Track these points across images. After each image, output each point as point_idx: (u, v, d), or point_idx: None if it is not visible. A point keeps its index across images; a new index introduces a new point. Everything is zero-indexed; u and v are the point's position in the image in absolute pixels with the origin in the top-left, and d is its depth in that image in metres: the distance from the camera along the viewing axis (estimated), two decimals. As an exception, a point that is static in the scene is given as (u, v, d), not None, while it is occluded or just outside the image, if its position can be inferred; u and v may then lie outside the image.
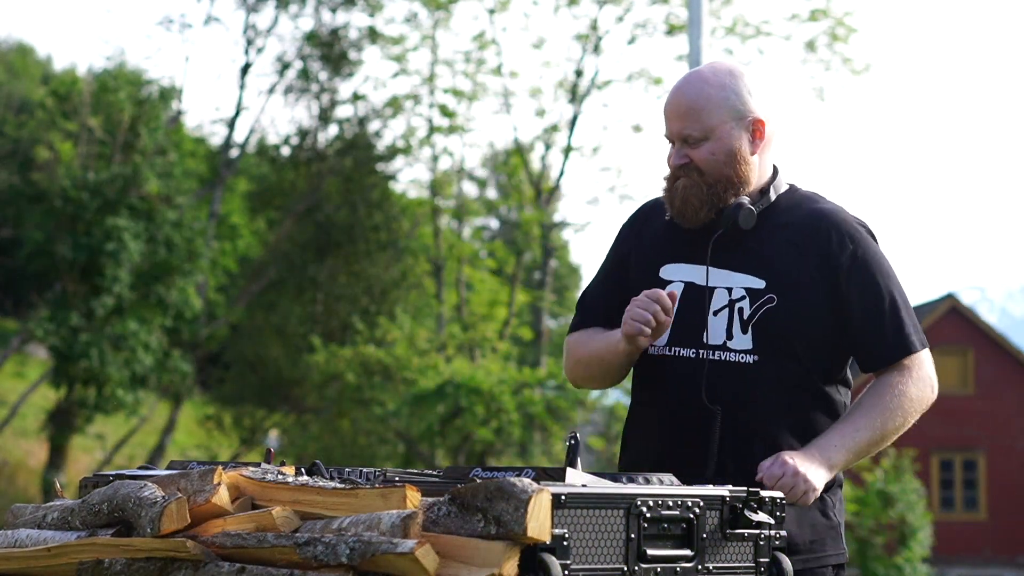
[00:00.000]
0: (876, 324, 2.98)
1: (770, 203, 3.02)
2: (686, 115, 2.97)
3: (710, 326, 2.96)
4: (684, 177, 2.98)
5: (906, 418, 2.96)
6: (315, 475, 2.57)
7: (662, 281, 3.02)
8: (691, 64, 9.46)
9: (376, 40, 24.71)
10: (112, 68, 24.58)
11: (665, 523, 2.40)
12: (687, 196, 2.97)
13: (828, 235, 2.99)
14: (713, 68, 3.02)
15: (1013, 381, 29.66)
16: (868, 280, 2.98)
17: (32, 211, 21.42)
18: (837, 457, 2.88)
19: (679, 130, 2.98)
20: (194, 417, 28.48)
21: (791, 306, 2.94)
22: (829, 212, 3.03)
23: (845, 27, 22.61)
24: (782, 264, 2.96)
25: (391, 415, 19.43)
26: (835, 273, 2.96)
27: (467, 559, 2.14)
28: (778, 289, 2.95)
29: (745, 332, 2.95)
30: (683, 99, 2.98)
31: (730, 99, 2.97)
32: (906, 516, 20.05)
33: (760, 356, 2.94)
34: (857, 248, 2.99)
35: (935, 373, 3.03)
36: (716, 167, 2.96)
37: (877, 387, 2.98)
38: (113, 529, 2.44)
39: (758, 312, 2.95)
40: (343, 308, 25.11)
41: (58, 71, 38.23)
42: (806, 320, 2.95)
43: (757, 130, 2.99)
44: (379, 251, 25.07)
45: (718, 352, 2.95)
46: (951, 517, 28.56)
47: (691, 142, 2.97)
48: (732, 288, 2.97)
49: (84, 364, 20.24)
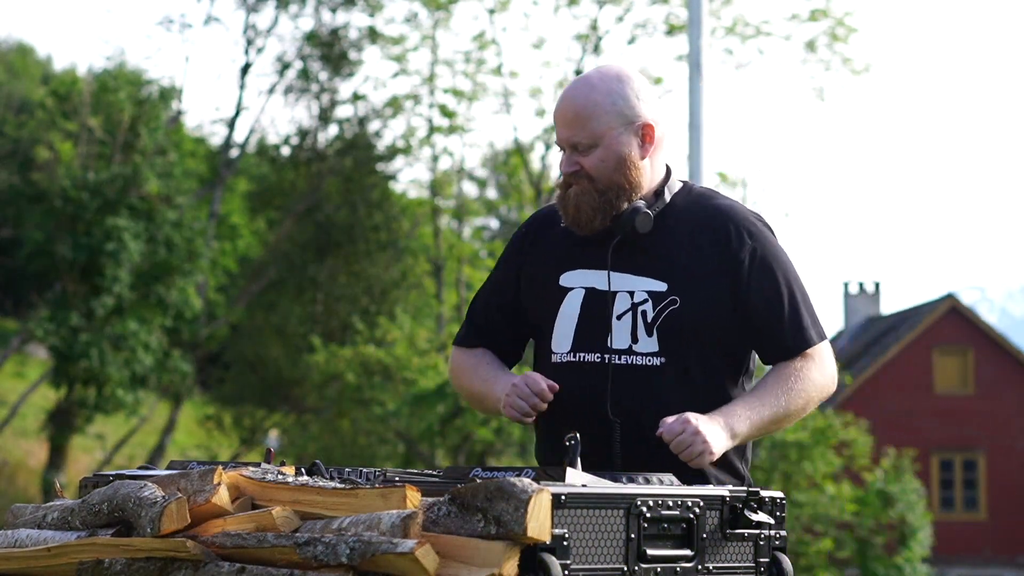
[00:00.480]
0: (776, 318, 2.99)
1: (666, 204, 3.02)
2: (574, 122, 2.96)
3: (614, 331, 2.96)
4: (576, 184, 2.97)
5: (808, 402, 2.98)
6: (315, 475, 2.57)
7: (562, 288, 3.02)
8: (691, 64, 9.46)
9: (376, 40, 24.69)
10: (112, 68, 24.58)
11: (665, 523, 2.40)
12: (580, 204, 2.97)
13: (727, 231, 2.99)
14: (601, 73, 3.00)
15: (1013, 381, 29.65)
16: (767, 274, 2.99)
17: (32, 211, 21.41)
18: (740, 427, 2.88)
19: (568, 137, 2.97)
20: (194, 417, 28.47)
21: (694, 306, 2.95)
22: (726, 208, 3.04)
23: (845, 27, 22.59)
24: (682, 265, 2.97)
25: (391, 415, 19.42)
26: (735, 269, 2.97)
27: (467, 559, 2.14)
28: (680, 290, 2.95)
29: (650, 335, 2.95)
30: (571, 106, 2.97)
31: (618, 105, 2.96)
32: (906, 516, 20.04)
33: (666, 358, 2.94)
34: (755, 243, 2.99)
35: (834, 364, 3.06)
36: (606, 174, 2.96)
37: (782, 369, 2.99)
38: (113, 529, 2.44)
39: (662, 314, 2.95)
40: (343, 308, 25.10)
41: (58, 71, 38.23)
42: (709, 319, 2.96)
43: (647, 135, 2.98)
44: (379, 251, 25.06)
45: (624, 356, 2.95)
46: (951, 517, 28.56)
47: (581, 149, 2.97)
48: (634, 292, 2.97)
49: (84, 364, 20.23)
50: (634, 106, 2.97)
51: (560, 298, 3.03)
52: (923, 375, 29.41)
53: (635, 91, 2.97)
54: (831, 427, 18.63)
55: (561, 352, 3.01)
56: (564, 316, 3.02)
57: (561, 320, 3.02)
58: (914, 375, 29.36)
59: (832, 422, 18.84)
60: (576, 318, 2.99)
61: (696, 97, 9.34)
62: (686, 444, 2.79)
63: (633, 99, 2.97)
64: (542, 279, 3.07)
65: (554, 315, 3.03)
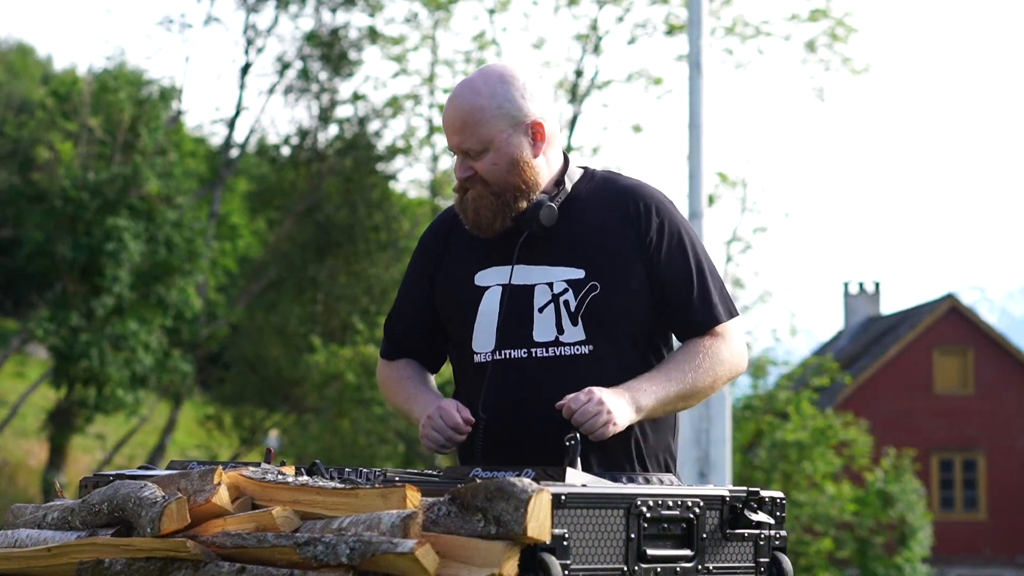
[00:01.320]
0: (686, 294, 2.98)
1: (568, 193, 3.00)
2: (462, 129, 2.94)
3: (537, 324, 2.94)
4: (472, 189, 2.96)
5: (716, 380, 2.96)
6: (315, 475, 2.57)
7: (477, 288, 3.00)
8: (691, 64, 9.46)
9: (376, 40, 24.69)
10: (112, 68, 24.57)
11: (665, 523, 2.40)
12: (478, 208, 2.96)
13: (635, 209, 2.98)
14: (485, 76, 2.97)
15: (1013, 381, 29.65)
16: (678, 250, 2.98)
17: (32, 211, 21.41)
18: (646, 401, 2.86)
19: (458, 144, 2.96)
20: (194, 417, 28.48)
21: (614, 289, 2.94)
22: (631, 187, 3.03)
23: (845, 27, 22.59)
24: (596, 249, 2.96)
25: (391, 415, 19.42)
26: (646, 246, 2.96)
27: (467, 559, 2.14)
28: (598, 275, 2.94)
29: (575, 324, 2.93)
30: (457, 113, 2.94)
31: (503, 107, 2.93)
32: (906, 516, 20.05)
33: (595, 345, 2.93)
34: (664, 219, 2.99)
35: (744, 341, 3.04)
36: (500, 177, 2.94)
37: (691, 346, 2.97)
38: (113, 529, 2.44)
39: (584, 301, 2.93)
40: (343, 308, 25.09)
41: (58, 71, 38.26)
42: (631, 300, 2.94)
43: (536, 132, 2.96)
44: (379, 251, 25.05)
45: (551, 348, 2.93)
46: (951, 517, 28.57)
47: (472, 155, 2.95)
48: (553, 283, 2.95)
49: (84, 364, 20.23)
50: (521, 106, 2.94)
51: (477, 298, 3.00)
52: (923, 375, 29.41)
53: (520, 90, 2.94)
54: (831, 427, 18.63)
55: (484, 352, 2.98)
56: (483, 315, 2.99)
57: (481, 320, 2.99)
58: (914, 375, 29.36)
59: (832, 422, 18.85)
60: (496, 316, 2.97)
61: (696, 97, 9.35)
62: (591, 414, 2.77)
63: (519, 99, 2.94)
64: (456, 281, 3.05)
65: (473, 316, 3.00)
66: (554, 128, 3.00)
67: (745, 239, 23.41)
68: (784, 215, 35.45)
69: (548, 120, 2.97)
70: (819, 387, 20.06)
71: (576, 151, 24.14)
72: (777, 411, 18.69)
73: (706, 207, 9.29)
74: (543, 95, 2.98)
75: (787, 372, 20.07)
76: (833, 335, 36.15)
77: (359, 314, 23.63)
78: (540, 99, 2.97)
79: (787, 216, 33.23)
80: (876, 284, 35.51)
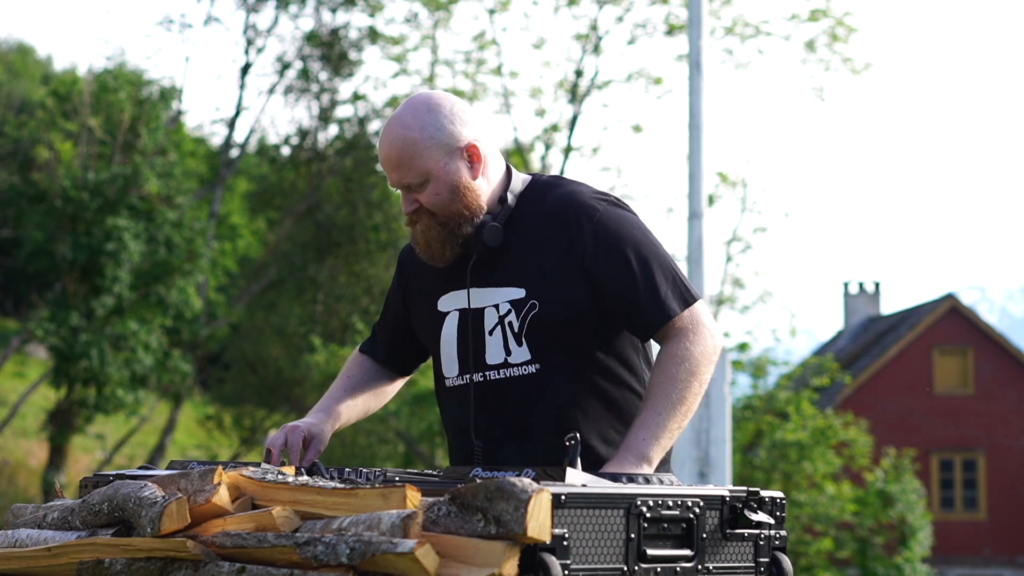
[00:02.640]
0: (632, 297, 2.91)
1: (511, 209, 3.00)
2: (399, 165, 2.93)
3: (488, 347, 2.96)
4: (419, 222, 2.97)
5: (701, 380, 2.87)
6: (315, 475, 2.57)
7: (439, 313, 3.06)
8: (691, 64, 9.46)
9: (376, 40, 24.69)
10: (112, 68, 24.56)
11: (665, 523, 2.40)
12: (428, 239, 2.97)
13: (568, 220, 2.94)
14: (412, 108, 2.95)
15: (1013, 381, 29.66)
16: (614, 254, 2.91)
17: (32, 211, 21.40)
18: (650, 450, 2.80)
19: (397, 180, 2.96)
20: (194, 417, 28.48)
21: (552, 305, 2.92)
22: (566, 196, 2.98)
23: (845, 27, 22.59)
24: (535, 266, 2.94)
25: (391, 415, 19.42)
26: (582, 256, 2.92)
27: (467, 559, 2.14)
28: (536, 293, 2.93)
29: (520, 344, 2.93)
30: (392, 151, 2.93)
31: (435, 137, 2.92)
32: (906, 516, 20.05)
33: (540, 364, 2.92)
34: (596, 225, 2.93)
35: (712, 321, 2.95)
36: (444, 206, 2.94)
37: (661, 362, 2.89)
38: (113, 529, 2.44)
39: (526, 320, 2.93)
40: (343, 308, 25.10)
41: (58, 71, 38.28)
42: (570, 315, 2.92)
43: (472, 155, 2.95)
44: (379, 251, 25.06)
45: (501, 370, 2.95)
46: (951, 517, 28.57)
47: (414, 187, 2.95)
48: (499, 304, 2.96)
49: (84, 364, 20.22)
50: (451, 132, 2.93)
51: (440, 323, 3.05)
52: (923, 375, 29.41)
53: (448, 117, 2.94)
54: (831, 427, 18.64)
55: (451, 377, 3.04)
56: (445, 341, 3.04)
57: (444, 345, 3.05)
58: (914, 375, 29.36)
59: (832, 422, 18.86)
60: (455, 341, 3.01)
61: (696, 97, 9.36)
62: None
63: (448, 125, 2.93)
64: (424, 306, 3.11)
65: (438, 342, 3.06)
66: (489, 146, 2.99)
67: (745, 239, 23.41)
68: (784, 215, 35.39)
69: (481, 140, 2.96)
70: (819, 387, 20.08)
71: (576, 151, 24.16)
72: (777, 411, 18.70)
73: (706, 207, 9.29)
74: (472, 116, 2.97)
75: (787, 372, 20.08)
76: (833, 335, 36.16)
77: (359, 314, 23.64)
78: (470, 121, 2.96)
79: (787, 216, 33.19)
80: (876, 284, 35.51)
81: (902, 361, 29.52)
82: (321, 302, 25.45)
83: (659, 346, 2.99)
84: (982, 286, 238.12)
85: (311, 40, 25.32)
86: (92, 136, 21.83)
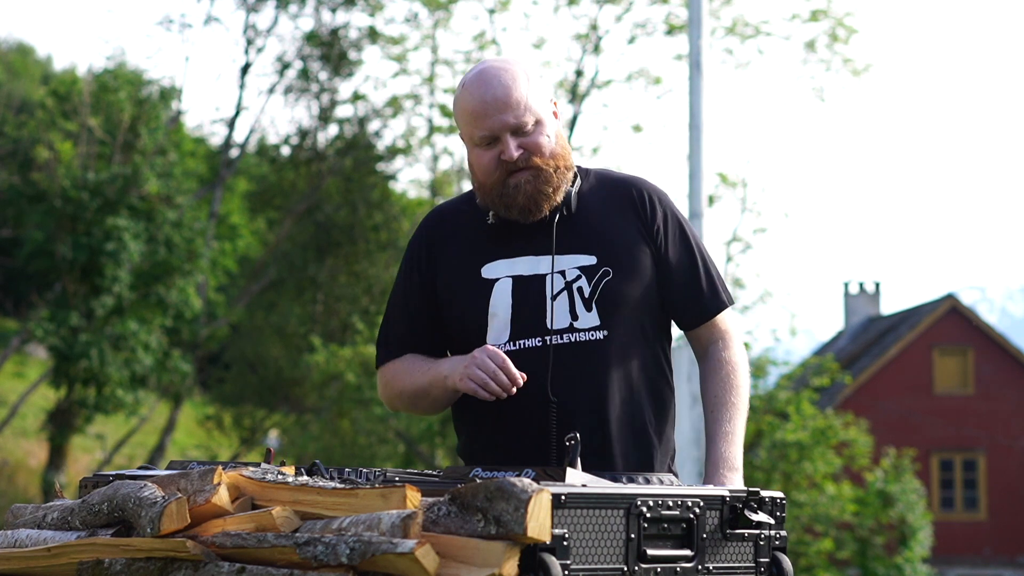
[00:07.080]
0: (694, 282, 3.03)
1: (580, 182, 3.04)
2: (516, 105, 2.90)
3: (551, 311, 2.93)
4: (524, 171, 2.92)
5: (747, 382, 3.02)
6: (315, 475, 2.57)
7: (485, 280, 2.97)
8: (691, 64, 9.45)
9: (376, 40, 24.70)
10: (112, 68, 24.56)
11: (665, 523, 2.40)
12: (537, 188, 2.92)
13: (641, 198, 3.02)
14: (507, 61, 2.98)
15: (1013, 381, 29.65)
16: (681, 239, 3.04)
17: (32, 211, 21.40)
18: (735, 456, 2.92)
19: (513, 121, 2.91)
20: (194, 417, 28.49)
21: (627, 274, 2.95)
22: (633, 178, 3.09)
23: (845, 28, 22.61)
24: (606, 236, 2.97)
25: (391, 415, 19.42)
26: (652, 234, 2.99)
27: (467, 559, 2.14)
28: (610, 261, 2.95)
29: (590, 309, 2.93)
30: (504, 91, 2.90)
31: (535, 84, 2.95)
32: (906, 516, 20.05)
33: (609, 330, 2.93)
34: (667, 208, 3.04)
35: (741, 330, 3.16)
36: (552, 151, 2.94)
37: (712, 369, 3.02)
38: (113, 529, 2.44)
39: (598, 287, 2.94)
40: (343, 308, 25.11)
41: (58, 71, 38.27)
42: (642, 285, 2.97)
43: (555, 111, 3.01)
44: (379, 251, 25.06)
45: (565, 335, 2.92)
46: (951, 517, 28.57)
47: (526, 131, 2.92)
48: (565, 271, 2.95)
49: (84, 364, 20.22)
50: (542, 86, 2.98)
51: (487, 292, 2.97)
52: (923, 375, 29.41)
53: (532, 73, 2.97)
54: (831, 427, 18.63)
55: (498, 344, 2.95)
56: (498, 306, 2.96)
57: (496, 311, 2.96)
58: (914, 375, 29.36)
59: (832, 422, 18.84)
60: (510, 307, 2.95)
61: (696, 97, 9.35)
62: None
63: (536, 78, 2.97)
64: (463, 278, 3.00)
65: (485, 310, 2.97)
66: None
67: (745, 239, 23.42)
68: (784, 215, 35.43)
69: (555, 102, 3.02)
70: (819, 387, 20.06)
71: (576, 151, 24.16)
72: (777, 411, 18.68)
73: (706, 207, 9.30)
74: None
75: (787, 372, 20.07)
76: (833, 335, 36.15)
77: (359, 314, 23.64)
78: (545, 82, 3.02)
79: (787, 216, 33.23)
80: (876, 284, 35.50)
81: (902, 361, 29.52)
82: (321, 302, 25.45)
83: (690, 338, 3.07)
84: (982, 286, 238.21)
85: (311, 40, 25.33)
86: (92, 136, 21.82)
